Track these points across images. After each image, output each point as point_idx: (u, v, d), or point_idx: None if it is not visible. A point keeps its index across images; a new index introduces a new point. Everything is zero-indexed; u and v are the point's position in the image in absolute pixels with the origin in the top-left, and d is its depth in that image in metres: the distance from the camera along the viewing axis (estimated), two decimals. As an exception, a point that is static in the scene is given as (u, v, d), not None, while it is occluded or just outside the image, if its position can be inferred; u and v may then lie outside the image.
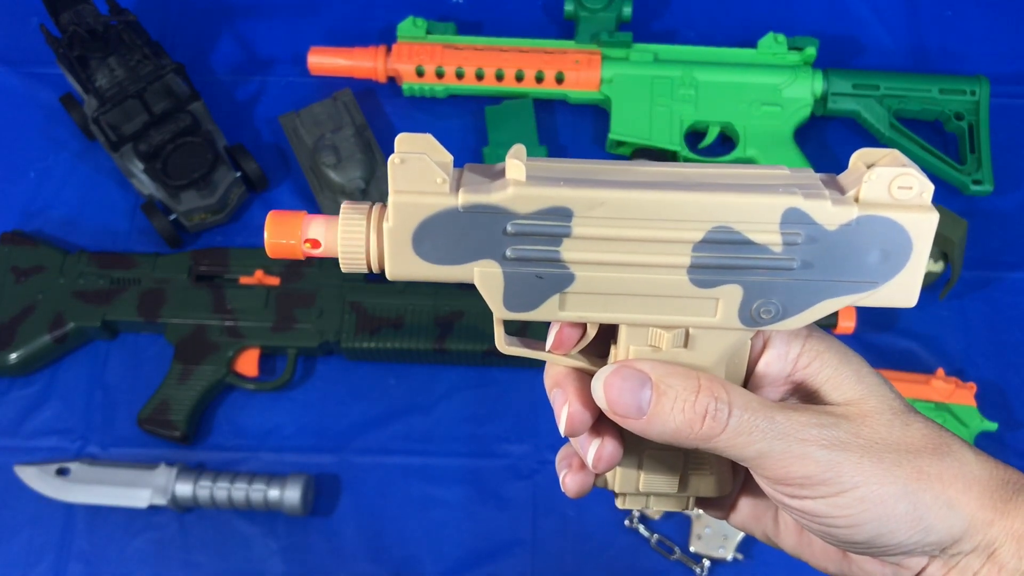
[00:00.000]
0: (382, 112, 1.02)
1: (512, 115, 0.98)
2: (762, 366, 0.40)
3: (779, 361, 0.39)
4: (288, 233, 0.37)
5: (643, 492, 0.43)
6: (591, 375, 0.40)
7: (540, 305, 0.38)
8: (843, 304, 0.37)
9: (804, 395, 0.40)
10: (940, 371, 0.89)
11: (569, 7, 1.01)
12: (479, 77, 0.99)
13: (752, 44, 1.00)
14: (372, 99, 1.02)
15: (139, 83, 0.90)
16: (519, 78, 0.99)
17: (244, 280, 0.91)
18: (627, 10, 1.01)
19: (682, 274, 0.37)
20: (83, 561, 0.85)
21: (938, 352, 0.92)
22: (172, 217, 0.94)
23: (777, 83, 0.98)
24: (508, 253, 0.36)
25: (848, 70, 1.00)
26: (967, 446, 0.38)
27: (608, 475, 0.43)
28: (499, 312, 0.38)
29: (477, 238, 0.36)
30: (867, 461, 0.36)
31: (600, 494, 0.86)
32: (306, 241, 0.37)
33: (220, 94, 1.03)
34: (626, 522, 0.86)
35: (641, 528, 0.85)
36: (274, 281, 0.91)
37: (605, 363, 0.40)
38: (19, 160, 1.00)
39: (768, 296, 0.37)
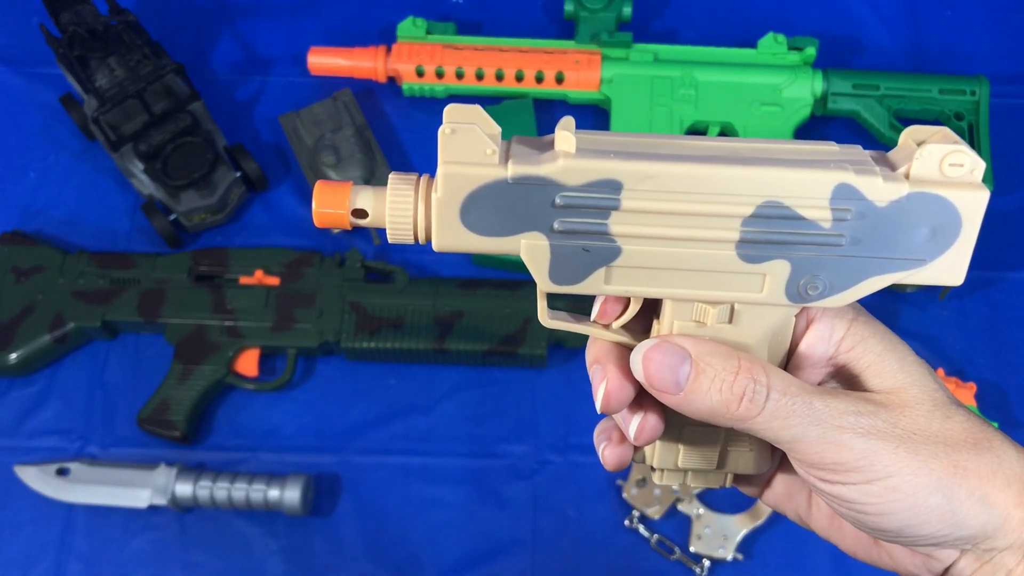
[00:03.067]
0: (382, 112, 1.02)
1: (512, 115, 0.98)
2: (804, 347, 0.39)
3: (822, 343, 0.39)
4: (336, 202, 0.37)
5: (681, 468, 0.43)
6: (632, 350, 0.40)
7: (586, 279, 0.37)
8: (890, 281, 0.37)
9: (845, 379, 0.39)
10: (940, 371, 0.89)
11: (569, 7, 1.01)
12: (479, 77, 0.99)
13: (752, 44, 1.00)
14: (372, 99, 1.02)
15: (139, 83, 0.90)
16: (519, 78, 0.99)
17: (244, 280, 0.91)
18: (627, 10, 1.01)
19: (730, 249, 0.36)
20: (83, 561, 0.85)
21: (938, 352, 0.92)
22: (172, 217, 0.94)
23: (777, 83, 0.98)
24: (556, 226, 0.36)
25: (848, 70, 1.00)
26: (1010, 442, 0.37)
27: (647, 450, 0.43)
28: (544, 285, 0.38)
29: (525, 210, 0.36)
30: (903, 451, 0.36)
31: (600, 494, 0.86)
32: (353, 211, 0.37)
33: (220, 94, 1.03)
34: (626, 522, 0.86)
35: (641, 528, 0.85)
36: (274, 281, 0.91)
37: (645, 338, 0.40)
38: (19, 160, 1.00)
39: (815, 272, 0.37)
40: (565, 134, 0.35)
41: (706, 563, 0.84)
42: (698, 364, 0.37)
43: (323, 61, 1.01)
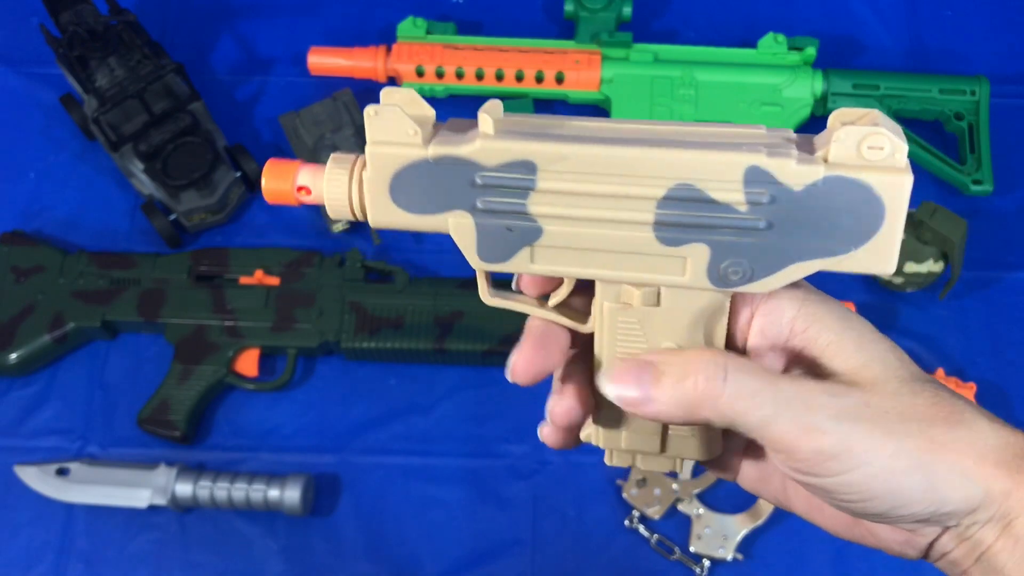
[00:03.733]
0: (382, 112, 1.02)
1: (512, 115, 0.98)
2: (755, 337, 0.38)
3: (773, 327, 0.38)
4: (283, 178, 0.39)
5: (627, 449, 0.43)
6: (571, 330, 0.40)
7: (512, 257, 0.38)
8: (815, 268, 0.36)
9: (805, 364, 0.38)
10: (940, 371, 0.89)
11: (569, 7, 1.01)
12: (479, 77, 0.99)
13: (752, 44, 1.00)
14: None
15: (139, 83, 0.90)
16: (519, 78, 0.99)
17: (244, 280, 0.91)
18: (627, 10, 1.01)
19: (648, 231, 0.36)
20: (83, 561, 0.85)
21: (938, 352, 0.92)
22: (172, 217, 0.94)
23: (777, 83, 0.98)
24: (478, 204, 0.37)
25: (848, 70, 1.00)
26: (981, 413, 0.36)
27: (593, 432, 0.43)
28: (474, 262, 0.39)
29: (449, 189, 0.37)
30: (879, 433, 0.35)
31: (600, 494, 0.86)
32: (299, 189, 0.39)
33: (220, 94, 1.03)
34: (626, 522, 0.86)
35: (641, 528, 0.85)
36: (274, 281, 0.91)
37: (586, 319, 0.40)
38: (19, 160, 1.00)
39: (736, 256, 0.36)
40: (484, 116, 0.36)
41: (706, 563, 0.84)
42: (658, 367, 0.37)
43: (323, 61, 1.01)
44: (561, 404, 0.41)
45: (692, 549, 0.84)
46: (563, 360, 0.41)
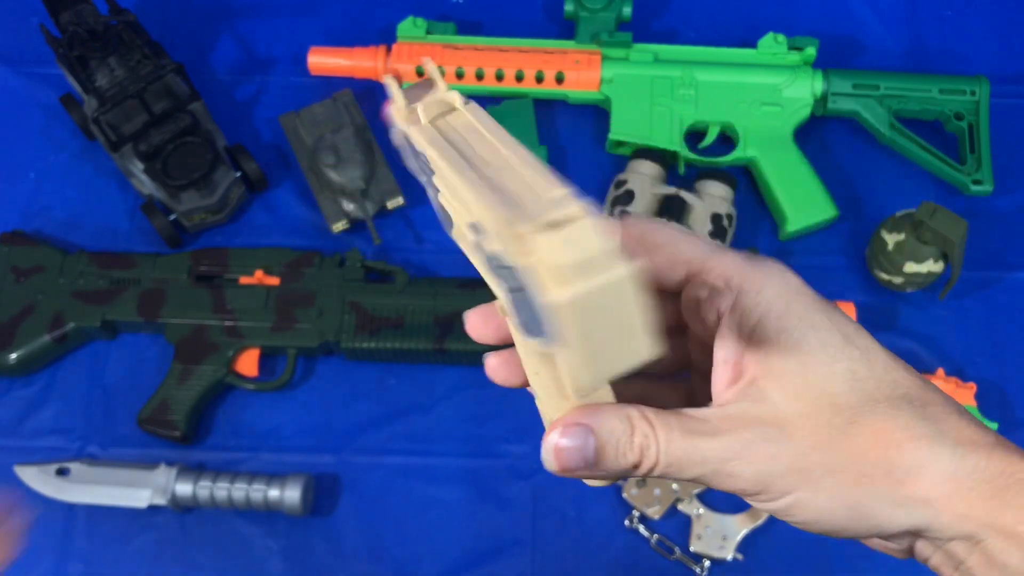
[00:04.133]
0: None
1: (512, 115, 0.98)
2: (722, 358, 0.38)
3: (727, 368, 0.38)
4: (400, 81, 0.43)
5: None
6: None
7: (452, 228, 0.40)
8: (550, 349, 0.32)
9: (752, 398, 0.38)
10: (940, 371, 0.89)
11: (569, 7, 1.01)
12: (479, 77, 0.99)
13: (752, 44, 1.00)
14: (372, 99, 1.02)
15: (139, 83, 0.89)
16: (519, 78, 0.99)
17: (244, 280, 0.91)
18: (627, 10, 1.01)
19: (480, 252, 0.36)
20: (83, 561, 0.85)
21: (938, 352, 0.92)
22: (172, 217, 0.94)
23: (777, 83, 0.98)
24: (424, 177, 0.40)
25: (848, 70, 1.00)
26: (944, 439, 0.35)
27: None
28: (441, 222, 0.41)
29: (417, 157, 0.40)
30: (795, 473, 0.35)
31: (600, 494, 0.86)
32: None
33: (220, 94, 1.03)
34: (626, 522, 0.86)
35: (641, 528, 0.85)
36: (274, 281, 0.91)
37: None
38: (19, 160, 1.00)
39: (516, 307, 0.35)
40: (420, 108, 0.38)
41: (706, 563, 0.84)
42: (600, 435, 0.37)
43: (323, 61, 1.01)
44: (490, 361, 0.43)
45: (692, 549, 0.84)
46: (497, 336, 0.43)
